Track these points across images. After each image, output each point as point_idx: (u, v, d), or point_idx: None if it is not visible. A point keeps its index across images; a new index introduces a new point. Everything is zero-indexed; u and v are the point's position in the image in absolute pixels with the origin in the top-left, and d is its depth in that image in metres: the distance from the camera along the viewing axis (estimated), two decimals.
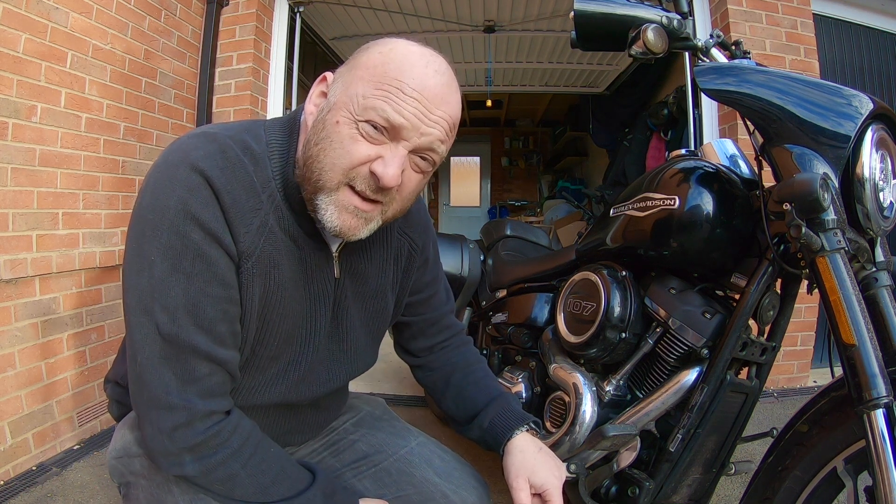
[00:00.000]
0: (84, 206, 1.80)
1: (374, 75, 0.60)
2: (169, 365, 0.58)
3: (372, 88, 0.59)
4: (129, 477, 0.73)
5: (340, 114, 0.60)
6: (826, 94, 0.84)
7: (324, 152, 0.60)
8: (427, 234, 0.86)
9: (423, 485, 0.78)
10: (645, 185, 1.06)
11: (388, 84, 0.59)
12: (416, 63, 0.60)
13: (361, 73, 0.61)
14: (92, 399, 1.86)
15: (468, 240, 1.79)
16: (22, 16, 1.53)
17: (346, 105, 0.60)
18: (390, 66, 0.59)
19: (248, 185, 0.61)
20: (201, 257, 0.58)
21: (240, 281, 0.62)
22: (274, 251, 0.64)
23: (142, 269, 0.58)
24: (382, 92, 0.59)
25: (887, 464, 0.65)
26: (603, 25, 0.94)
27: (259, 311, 0.65)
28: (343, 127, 0.60)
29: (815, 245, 0.73)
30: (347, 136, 0.60)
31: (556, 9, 3.51)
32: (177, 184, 0.58)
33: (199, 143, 0.61)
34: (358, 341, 0.79)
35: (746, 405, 1.01)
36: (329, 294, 0.72)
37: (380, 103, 0.58)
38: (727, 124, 2.40)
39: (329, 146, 0.60)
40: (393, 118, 0.59)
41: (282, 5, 2.73)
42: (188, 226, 0.57)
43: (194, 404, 0.59)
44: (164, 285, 0.57)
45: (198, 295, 0.58)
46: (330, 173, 0.60)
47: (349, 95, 0.60)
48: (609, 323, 1.06)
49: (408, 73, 0.59)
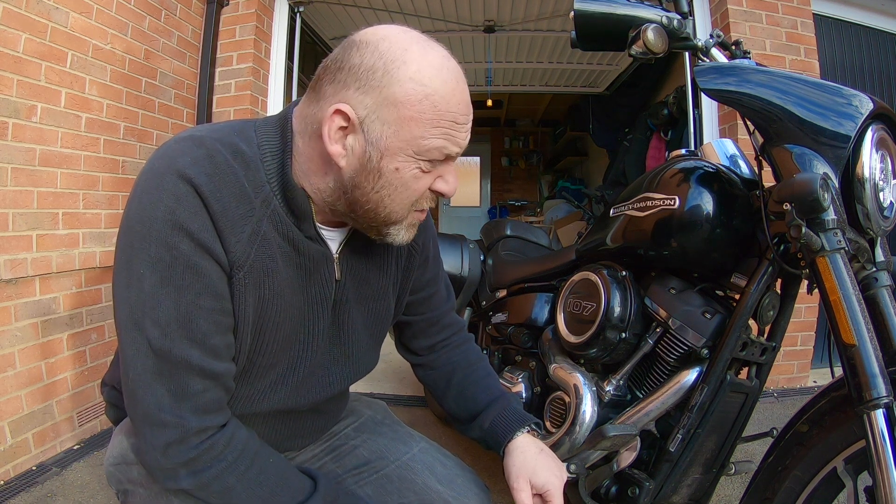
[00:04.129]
0: (84, 206, 1.80)
1: (422, 111, 0.58)
2: (162, 381, 0.57)
3: (429, 128, 0.59)
4: (127, 485, 0.72)
5: (398, 160, 0.60)
6: (826, 94, 0.84)
7: (389, 197, 0.62)
8: (427, 232, 0.86)
9: (424, 492, 0.78)
10: (645, 185, 1.06)
11: (443, 120, 0.59)
12: (455, 85, 0.60)
13: (408, 113, 0.57)
14: (92, 399, 1.86)
15: (468, 240, 1.79)
16: (22, 16, 1.53)
17: (404, 150, 0.59)
18: (437, 99, 0.58)
19: (239, 190, 0.60)
20: (191, 269, 0.57)
21: (232, 291, 0.60)
22: (268, 259, 0.62)
23: (131, 282, 0.57)
24: (441, 131, 0.59)
25: (887, 464, 0.65)
26: (603, 25, 0.94)
27: (254, 320, 0.63)
28: (405, 172, 0.61)
29: (815, 245, 0.73)
30: (411, 178, 0.61)
31: (556, 9, 3.51)
32: (164, 193, 0.56)
33: (186, 149, 0.59)
34: (360, 343, 0.79)
35: (746, 405, 1.01)
36: (329, 297, 0.71)
37: (441, 143, 0.60)
38: (727, 124, 2.40)
39: (394, 191, 0.62)
40: (454, 152, 0.62)
41: (282, 5, 2.73)
42: (176, 237, 0.56)
43: (188, 421, 0.58)
44: (154, 299, 0.56)
45: (189, 308, 0.57)
46: (401, 211, 0.64)
47: (404, 140, 0.59)
48: (609, 323, 1.06)
49: (455, 101, 0.60)
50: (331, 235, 0.70)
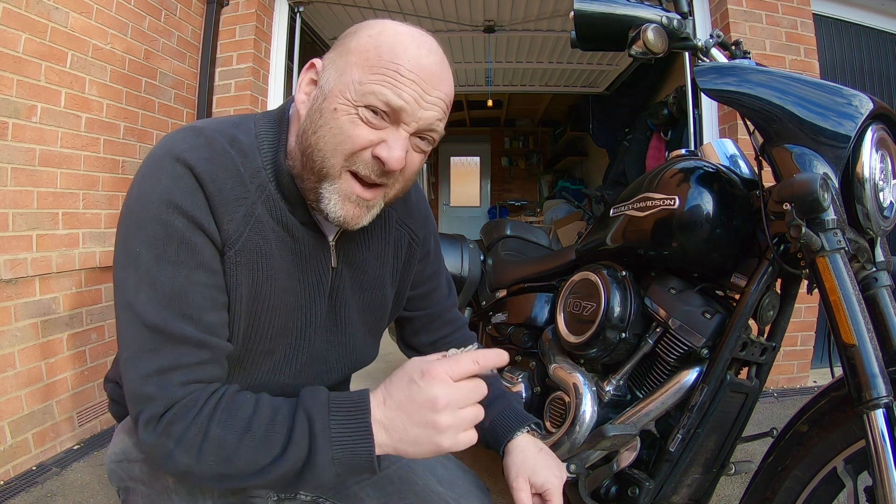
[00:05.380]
0: (84, 206, 1.80)
1: (367, 59, 0.59)
2: (156, 356, 0.57)
3: (368, 73, 0.58)
4: (129, 482, 0.72)
5: (337, 101, 0.59)
6: (826, 93, 0.84)
7: (323, 139, 0.60)
8: (427, 227, 0.86)
9: (425, 493, 0.78)
10: (645, 185, 1.06)
11: (384, 67, 0.58)
12: (408, 44, 0.60)
13: (354, 59, 0.60)
14: (92, 399, 1.86)
15: (468, 240, 1.79)
16: (22, 16, 1.53)
17: (343, 92, 0.59)
18: (383, 49, 0.59)
19: (234, 174, 0.61)
20: (186, 245, 0.57)
21: (224, 269, 0.61)
22: (262, 241, 0.63)
23: (128, 261, 0.58)
24: (380, 76, 0.58)
25: (887, 464, 0.65)
26: (603, 25, 0.94)
27: (248, 302, 0.63)
28: (341, 114, 0.59)
29: (815, 245, 0.73)
30: (347, 122, 0.59)
31: (556, 9, 3.51)
32: (161, 174, 0.58)
33: (186, 137, 0.61)
34: (356, 333, 0.79)
35: (746, 405, 1.01)
36: (325, 284, 0.71)
37: (378, 87, 0.58)
38: (727, 124, 2.40)
39: (329, 133, 0.60)
40: (393, 101, 0.58)
41: (282, 5, 2.73)
42: (171, 214, 0.57)
43: (173, 392, 0.56)
44: (149, 276, 0.56)
45: (185, 283, 0.57)
46: (332, 159, 0.60)
47: (345, 82, 0.59)
48: (609, 323, 1.06)
49: (402, 55, 0.59)
50: (326, 223, 0.70)
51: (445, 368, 0.56)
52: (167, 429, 0.56)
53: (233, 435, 0.56)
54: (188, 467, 0.57)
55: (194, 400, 0.57)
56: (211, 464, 0.57)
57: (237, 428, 0.57)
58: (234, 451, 0.56)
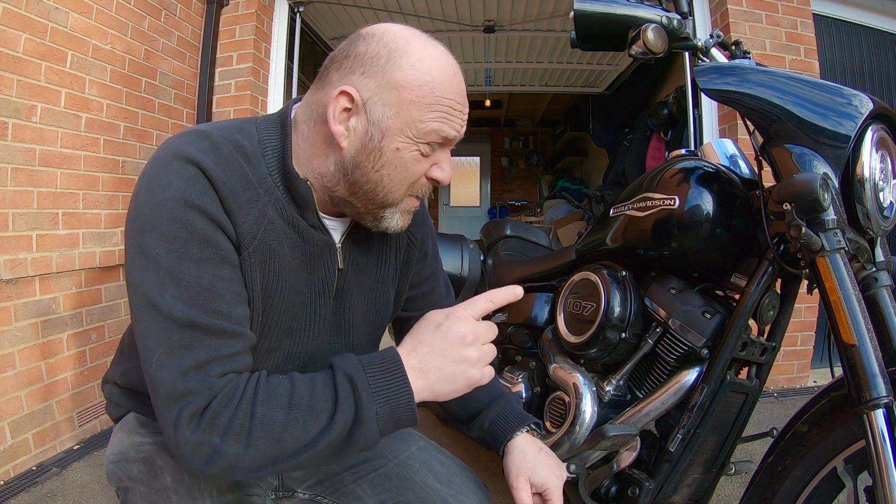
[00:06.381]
0: (84, 206, 1.80)
1: (422, 96, 0.62)
2: (190, 353, 0.56)
3: (427, 112, 0.62)
4: (127, 482, 0.72)
5: (398, 140, 0.62)
6: (826, 93, 0.84)
7: (388, 177, 0.64)
8: (425, 228, 0.87)
9: (423, 490, 0.78)
10: (645, 185, 1.06)
11: (440, 105, 0.62)
12: (450, 74, 0.64)
13: (408, 96, 0.61)
14: (92, 399, 1.86)
15: (468, 240, 1.79)
16: (22, 16, 1.53)
17: (404, 131, 0.62)
18: (436, 85, 0.62)
19: (243, 177, 0.62)
20: (208, 242, 0.58)
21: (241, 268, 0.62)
22: (274, 241, 0.64)
23: (147, 265, 0.57)
24: (437, 113, 0.62)
25: (887, 464, 0.65)
26: (603, 25, 0.94)
27: (259, 302, 0.64)
28: (405, 152, 0.63)
29: (815, 245, 0.73)
30: (411, 160, 0.64)
31: (556, 9, 3.51)
32: (173, 176, 0.58)
33: (192, 140, 0.61)
34: (361, 334, 0.79)
35: (746, 405, 1.01)
36: (331, 285, 0.72)
37: (437, 125, 0.63)
38: (727, 124, 2.40)
39: (393, 171, 0.64)
40: (451, 135, 0.64)
41: (282, 5, 2.73)
42: (189, 214, 0.57)
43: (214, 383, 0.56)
44: (173, 275, 0.56)
45: (212, 279, 0.58)
46: (398, 193, 0.66)
47: (404, 121, 0.62)
48: (609, 323, 1.06)
49: (450, 89, 0.63)
50: (333, 225, 0.71)
51: (467, 309, 0.65)
52: (212, 421, 0.55)
53: (279, 412, 0.57)
54: (236, 458, 0.56)
55: (234, 387, 0.57)
56: (261, 448, 0.56)
57: (282, 404, 0.58)
58: (283, 427, 0.57)
